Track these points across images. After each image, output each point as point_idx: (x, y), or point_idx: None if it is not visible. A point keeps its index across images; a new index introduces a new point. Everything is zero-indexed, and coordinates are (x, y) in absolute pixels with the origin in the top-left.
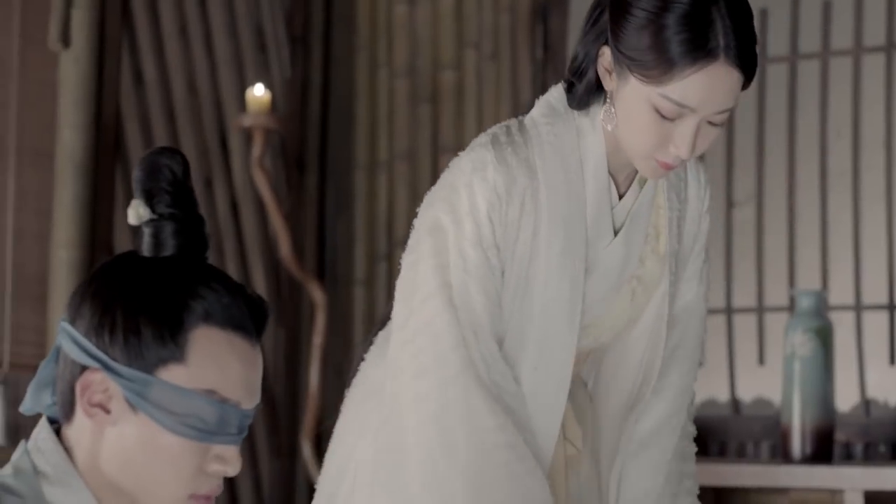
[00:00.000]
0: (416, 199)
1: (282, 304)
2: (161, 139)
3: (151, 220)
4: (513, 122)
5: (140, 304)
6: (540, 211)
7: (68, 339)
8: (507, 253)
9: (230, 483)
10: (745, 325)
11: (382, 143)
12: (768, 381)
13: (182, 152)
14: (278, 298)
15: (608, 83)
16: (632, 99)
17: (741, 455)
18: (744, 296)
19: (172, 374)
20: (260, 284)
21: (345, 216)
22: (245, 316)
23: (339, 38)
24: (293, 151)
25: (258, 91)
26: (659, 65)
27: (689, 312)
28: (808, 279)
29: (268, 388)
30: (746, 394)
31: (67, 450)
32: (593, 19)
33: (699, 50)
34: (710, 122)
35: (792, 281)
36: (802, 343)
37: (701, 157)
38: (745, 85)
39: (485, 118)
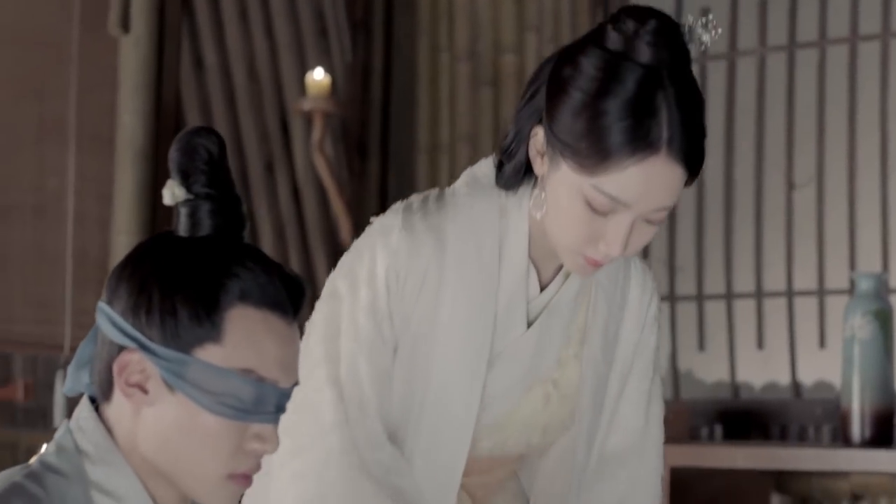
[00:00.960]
0: None
1: None
2: (221, 124)
3: (187, 200)
4: (433, 191)
5: (176, 284)
6: (444, 286)
7: (106, 319)
8: (402, 326)
9: None
10: (805, 308)
11: (444, 127)
12: (829, 363)
13: (218, 132)
14: None
15: (539, 167)
16: (562, 187)
17: (802, 438)
18: (804, 278)
19: (209, 353)
20: (322, 270)
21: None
22: (281, 294)
23: (401, 22)
24: (354, 136)
25: (318, 75)
26: (594, 153)
27: (638, 453)
28: (869, 261)
29: None
30: (807, 377)
31: (110, 427)
32: (529, 95)
33: (639, 141)
34: (646, 220)
35: (852, 263)
36: (862, 326)
37: (760, 146)
38: (689, 181)
39: None
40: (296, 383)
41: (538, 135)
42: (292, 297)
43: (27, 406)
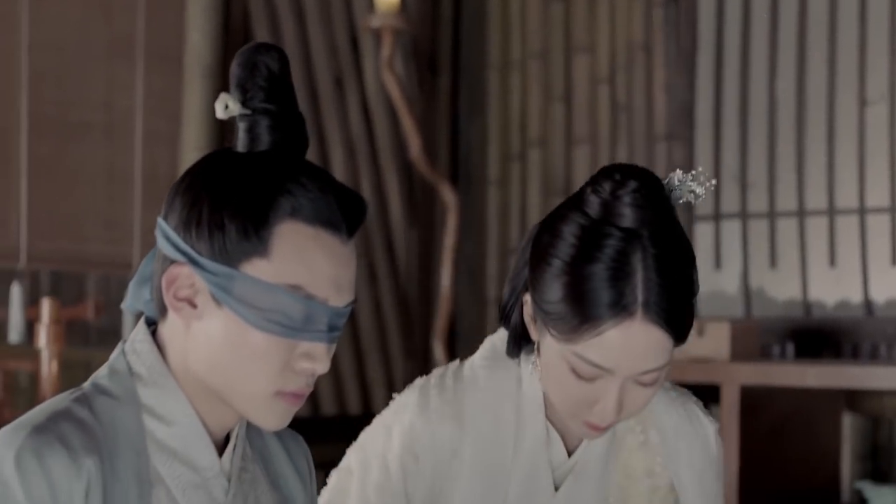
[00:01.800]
0: (549, 98)
1: (414, 206)
2: (290, 41)
3: (245, 115)
4: (452, 365)
5: (225, 198)
6: (462, 463)
7: (161, 234)
8: (417, 499)
9: (363, 383)
10: (878, 225)
11: (515, 43)
12: None
13: (280, 49)
14: (411, 200)
15: (533, 333)
16: (550, 354)
17: (874, 357)
18: (876, 196)
19: (256, 268)
20: (392, 186)
21: (478, 117)
22: (335, 213)
23: None
24: (425, 53)
25: None
26: (571, 319)
27: None
28: None
29: (400, 290)
30: (879, 295)
31: (161, 348)
32: (521, 262)
33: (614, 305)
34: (637, 382)
35: None
36: None
37: (832, 62)
38: (678, 342)
39: (617, 17)
40: (351, 302)
41: (528, 302)
42: (348, 216)
43: (100, 325)
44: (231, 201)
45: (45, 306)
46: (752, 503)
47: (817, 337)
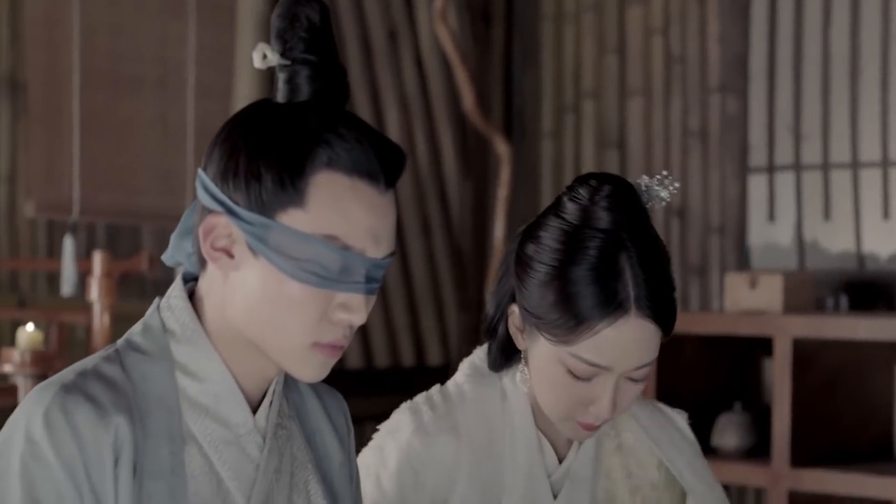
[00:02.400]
0: (602, 50)
1: (468, 158)
2: None
3: (285, 66)
4: (435, 387)
5: (262, 148)
6: (460, 472)
7: (200, 184)
8: None
9: (416, 335)
10: None
11: None
12: None
13: (322, 0)
14: (464, 152)
15: (520, 343)
16: (543, 359)
17: None
18: None
19: (292, 218)
20: (446, 139)
21: (531, 69)
22: (373, 162)
23: None
24: (478, 4)
25: None
26: (566, 322)
27: None
28: None
29: (454, 242)
30: None
31: (200, 301)
32: (500, 275)
33: (608, 303)
34: (630, 379)
35: None
36: None
37: (886, 13)
38: (666, 335)
39: None
40: (390, 254)
41: (514, 312)
42: (387, 166)
43: (154, 277)
44: (268, 151)
45: (97, 259)
46: (803, 456)
47: (871, 289)
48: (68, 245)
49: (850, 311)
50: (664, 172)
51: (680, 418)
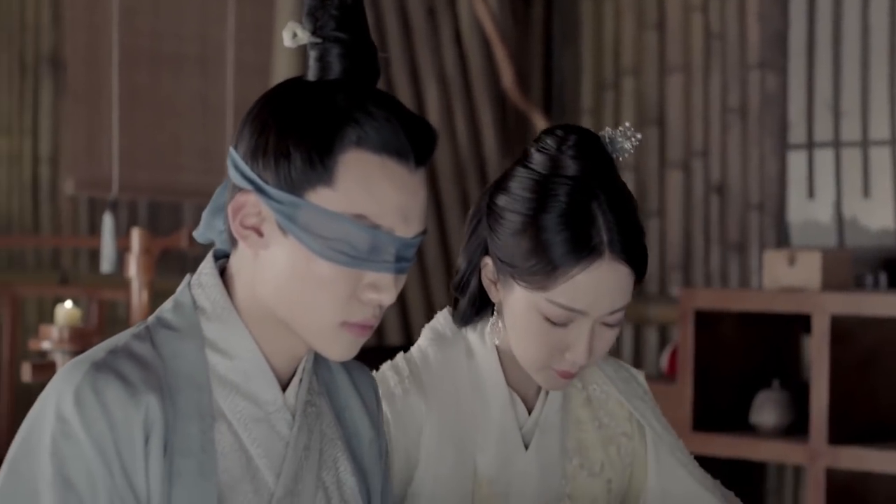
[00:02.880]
0: (642, 26)
1: (507, 136)
2: None
3: (316, 44)
4: (398, 356)
5: (292, 126)
6: (431, 431)
7: (231, 162)
8: (393, 473)
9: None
10: None
11: None
12: None
13: None
14: (504, 130)
15: (494, 294)
16: (519, 308)
17: None
18: None
19: (321, 197)
20: (485, 116)
21: (571, 45)
22: (402, 141)
23: None
24: None
25: None
26: (541, 269)
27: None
28: None
29: None
30: None
31: (231, 279)
32: (471, 230)
33: (582, 248)
34: (604, 324)
35: None
36: None
37: None
38: (638, 281)
39: None
40: (421, 233)
41: (487, 265)
42: (416, 145)
43: (195, 254)
44: (297, 129)
45: (135, 236)
46: (841, 434)
47: None
48: (107, 222)
49: (889, 289)
50: (626, 124)
51: (640, 375)
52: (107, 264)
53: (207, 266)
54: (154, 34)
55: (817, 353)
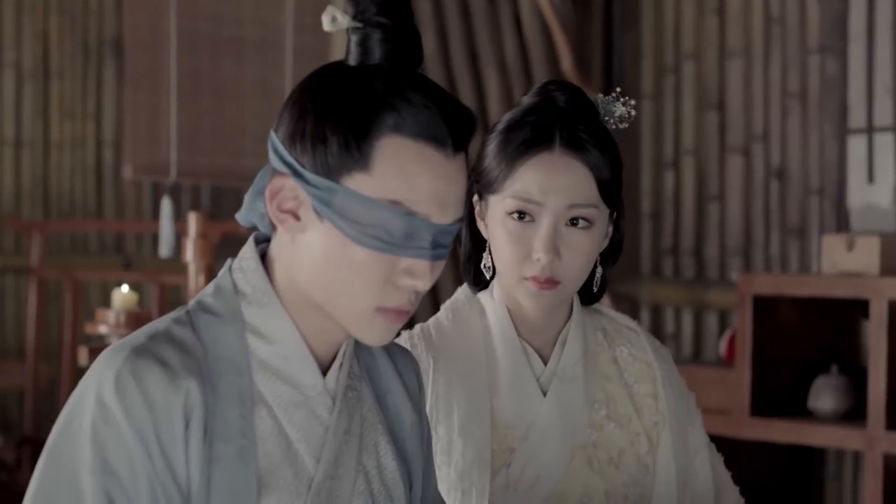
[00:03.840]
0: (702, 10)
1: None
2: None
3: (357, 28)
4: (416, 327)
5: (330, 111)
6: (437, 380)
7: (270, 145)
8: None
9: None
10: None
11: None
12: None
13: None
14: None
15: (484, 231)
16: (493, 220)
17: None
18: None
19: (357, 182)
20: None
21: (631, 30)
22: (440, 127)
23: None
24: None
25: None
26: (500, 164)
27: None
28: None
29: None
30: None
31: (271, 261)
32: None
33: (534, 139)
34: (570, 224)
35: None
36: None
37: None
38: (603, 186)
39: None
40: (459, 220)
41: (476, 205)
42: (455, 131)
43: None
44: (334, 115)
45: (192, 220)
46: None
47: None
48: (165, 207)
49: None
50: (618, 90)
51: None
52: (165, 248)
53: (248, 250)
54: (213, 18)
55: (875, 338)
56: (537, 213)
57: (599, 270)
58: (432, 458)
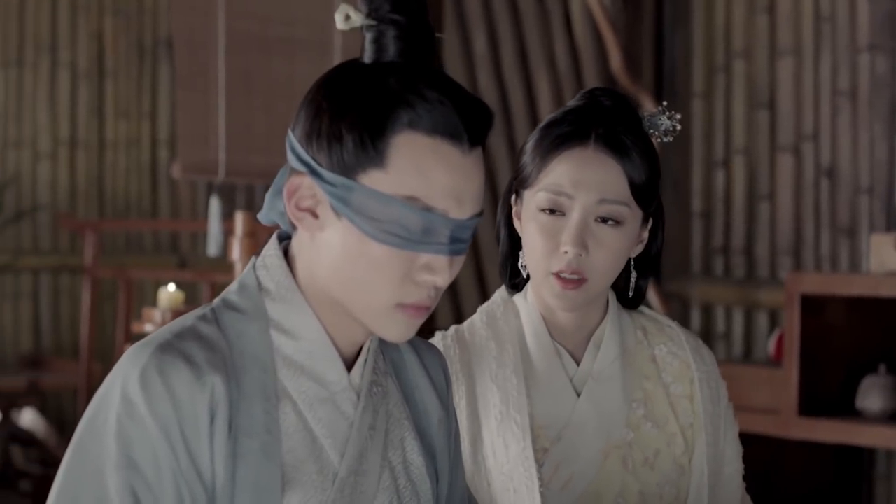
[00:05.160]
0: (752, 9)
1: None
2: None
3: (371, 26)
4: (451, 329)
5: (345, 109)
6: (475, 389)
7: (288, 144)
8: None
9: None
10: None
11: None
12: None
13: None
14: None
15: (520, 229)
16: (526, 216)
17: None
18: None
19: (373, 179)
20: None
21: (682, 29)
22: (455, 122)
23: None
24: None
25: None
26: (535, 159)
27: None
28: None
29: None
30: None
31: (293, 259)
32: (504, 200)
33: (570, 135)
34: (599, 220)
35: None
36: None
37: None
38: (636, 186)
39: None
40: (476, 214)
41: (515, 204)
42: (470, 126)
43: None
44: (349, 112)
45: (239, 219)
46: None
47: None
48: (214, 206)
49: None
50: (664, 103)
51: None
52: (213, 247)
53: (272, 248)
54: (261, 18)
55: None
56: (568, 206)
57: (634, 276)
58: (461, 454)
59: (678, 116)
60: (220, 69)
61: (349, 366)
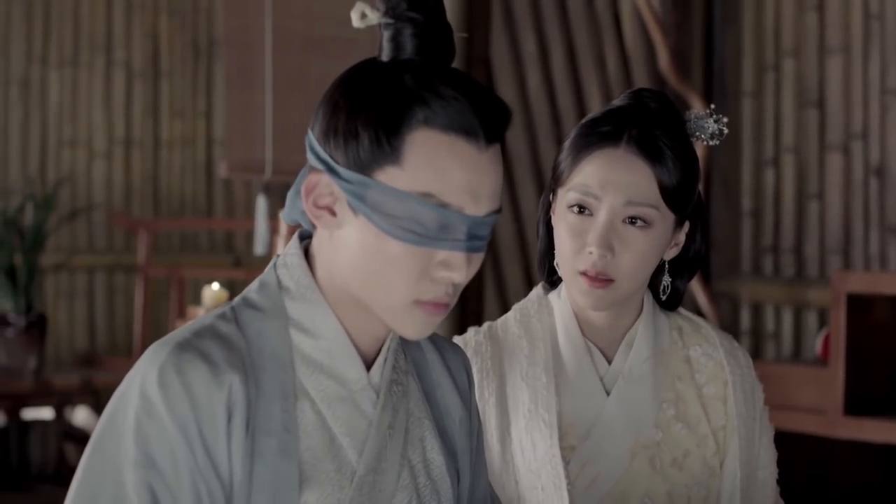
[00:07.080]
0: (802, 7)
1: None
2: None
3: (389, 24)
4: (485, 326)
5: (361, 107)
6: (505, 386)
7: (307, 143)
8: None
9: None
10: None
11: None
12: None
13: None
14: None
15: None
16: (558, 214)
17: None
18: None
19: (389, 176)
20: None
21: (731, 27)
22: (471, 119)
23: None
24: None
25: None
26: (569, 157)
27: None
28: None
29: None
30: None
31: (312, 257)
32: (543, 197)
33: (603, 135)
34: (627, 222)
35: None
36: None
37: None
38: (666, 190)
39: None
40: (494, 211)
41: (552, 202)
42: (486, 122)
43: None
44: (365, 110)
45: (282, 218)
46: None
47: None
48: (261, 205)
49: None
50: (712, 106)
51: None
52: (260, 246)
53: (293, 246)
54: (307, 17)
55: None
56: (595, 207)
57: (668, 279)
58: (483, 454)
59: (725, 120)
60: (268, 69)
61: (369, 364)
